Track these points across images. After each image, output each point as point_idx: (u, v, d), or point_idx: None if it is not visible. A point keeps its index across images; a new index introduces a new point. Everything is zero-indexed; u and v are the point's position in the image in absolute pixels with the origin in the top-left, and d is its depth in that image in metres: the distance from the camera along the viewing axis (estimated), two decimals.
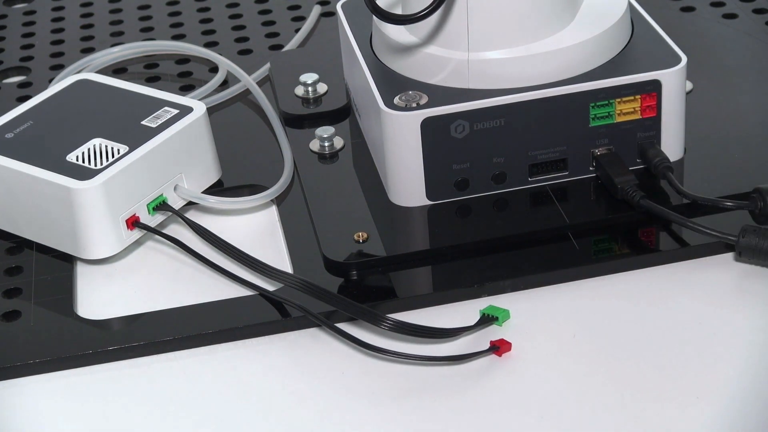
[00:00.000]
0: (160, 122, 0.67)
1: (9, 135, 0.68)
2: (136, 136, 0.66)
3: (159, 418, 0.57)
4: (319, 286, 0.60)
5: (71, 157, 0.65)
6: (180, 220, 0.67)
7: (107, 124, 0.68)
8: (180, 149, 0.67)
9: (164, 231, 0.68)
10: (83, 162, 0.65)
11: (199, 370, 0.59)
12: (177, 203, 0.68)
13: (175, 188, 0.68)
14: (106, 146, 0.65)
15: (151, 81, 0.85)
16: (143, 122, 0.67)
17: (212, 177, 0.71)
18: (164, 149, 0.66)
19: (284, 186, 0.70)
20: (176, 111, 0.68)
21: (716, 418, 0.54)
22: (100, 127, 0.68)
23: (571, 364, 0.58)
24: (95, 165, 0.64)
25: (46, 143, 0.67)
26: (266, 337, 0.61)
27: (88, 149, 0.66)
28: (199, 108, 0.69)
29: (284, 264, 0.66)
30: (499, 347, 0.58)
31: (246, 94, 0.81)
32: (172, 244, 0.66)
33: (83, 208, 0.63)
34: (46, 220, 0.65)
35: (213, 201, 0.69)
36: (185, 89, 0.83)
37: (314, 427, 0.55)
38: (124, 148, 0.65)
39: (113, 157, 0.65)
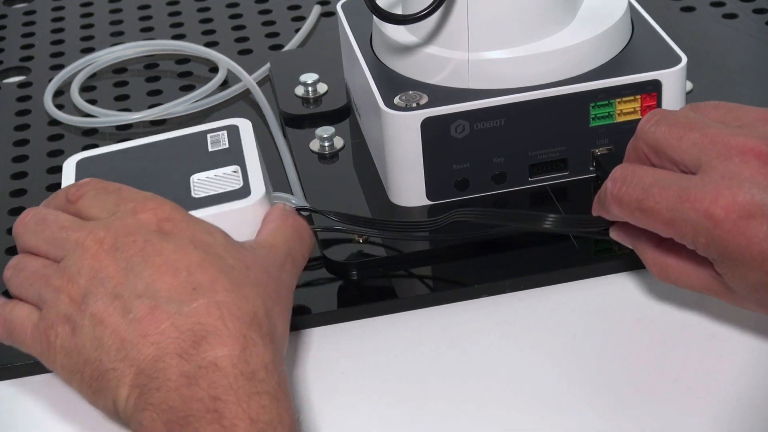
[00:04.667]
0: (227, 141, 0.63)
1: None
2: (227, 158, 0.61)
3: None
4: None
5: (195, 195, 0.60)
6: None
7: (186, 165, 0.62)
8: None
9: None
10: (209, 193, 0.59)
11: None
12: None
13: None
14: (215, 174, 0.61)
15: (151, 81, 0.85)
16: (211, 150, 0.62)
17: None
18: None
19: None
20: (224, 131, 0.63)
21: (717, 418, 0.54)
22: (183, 168, 0.61)
23: (571, 364, 0.58)
24: (226, 189, 0.59)
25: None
26: None
27: (194, 183, 0.60)
28: (242, 123, 0.65)
29: None
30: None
31: (246, 94, 0.81)
32: None
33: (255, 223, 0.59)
34: None
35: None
36: (185, 89, 0.83)
37: (314, 427, 0.55)
38: (234, 168, 0.61)
39: (230, 178, 0.60)
